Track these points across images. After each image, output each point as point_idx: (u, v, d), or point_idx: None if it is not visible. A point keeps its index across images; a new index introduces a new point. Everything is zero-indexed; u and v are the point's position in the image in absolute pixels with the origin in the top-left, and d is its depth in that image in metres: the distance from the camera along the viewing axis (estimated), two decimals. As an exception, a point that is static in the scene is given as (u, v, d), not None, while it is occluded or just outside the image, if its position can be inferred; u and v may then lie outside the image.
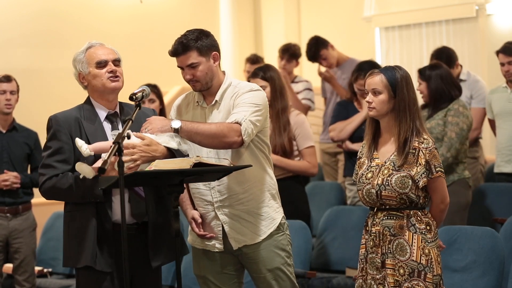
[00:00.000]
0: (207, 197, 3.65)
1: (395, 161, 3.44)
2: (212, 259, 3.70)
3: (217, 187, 3.62)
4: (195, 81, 3.61)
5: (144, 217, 3.41)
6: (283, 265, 3.69)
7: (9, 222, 5.39)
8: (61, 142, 3.39)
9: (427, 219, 3.45)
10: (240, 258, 3.70)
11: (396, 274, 3.40)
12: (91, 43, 3.52)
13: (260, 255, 3.66)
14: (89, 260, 3.34)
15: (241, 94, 3.61)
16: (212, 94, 3.67)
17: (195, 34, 3.60)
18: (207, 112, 3.67)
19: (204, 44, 3.60)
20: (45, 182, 3.39)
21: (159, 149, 3.33)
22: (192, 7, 9.28)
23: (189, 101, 3.76)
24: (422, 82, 5.15)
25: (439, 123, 5.03)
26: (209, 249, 3.69)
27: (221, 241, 3.66)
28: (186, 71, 3.61)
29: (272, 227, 3.68)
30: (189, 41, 3.57)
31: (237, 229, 3.64)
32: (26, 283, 5.46)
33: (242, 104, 3.57)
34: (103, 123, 3.47)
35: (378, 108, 3.47)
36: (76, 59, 3.49)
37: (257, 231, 3.66)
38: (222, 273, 3.72)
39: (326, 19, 9.40)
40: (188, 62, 3.59)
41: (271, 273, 3.66)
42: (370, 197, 3.48)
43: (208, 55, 3.61)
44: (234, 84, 3.69)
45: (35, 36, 7.86)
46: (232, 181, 3.61)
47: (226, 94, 3.67)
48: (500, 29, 8.27)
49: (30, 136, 5.56)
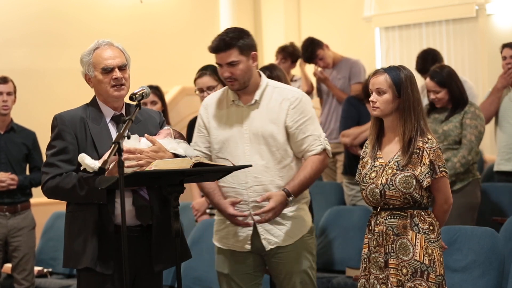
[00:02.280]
0: (243, 196, 3.68)
1: (399, 160, 3.44)
2: (238, 259, 3.74)
3: (255, 187, 3.66)
4: (233, 80, 3.65)
5: (148, 220, 3.38)
6: (309, 268, 3.75)
7: (8, 220, 5.39)
8: (66, 142, 3.37)
9: (430, 219, 3.45)
10: (266, 258, 3.73)
11: (399, 274, 3.40)
12: (99, 42, 3.47)
13: (289, 257, 3.70)
14: (89, 261, 3.32)
15: (296, 106, 3.67)
16: (248, 93, 3.70)
17: (237, 33, 3.64)
18: (244, 111, 3.70)
19: (246, 43, 3.65)
20: (48, 181, 3.37)
21: (166, 156, 3.31)
22: (192, 7, 9.28)
23: (222, 99, 3.79)
24: (440, 89, 5.08)
25: (457, 126, 5.05)
26: (236, 249, 3.72)
27: (250, 242, 3.68)
28: (224, 68, 3.64)
29: (304, 230, 3.75)
30: (231, 39, 3.61)
31: (270, 230, 3.68)
32: (24, 281, 5.46)
33: (307, 120, 3.68)
34: (109, 124, 3.45)
35: (382, 108, 3.47)
36: (83, 60, 3.46)
37: (290, 233, 3.71)
38: (246, 273, 3.75)
39: (326, 19, 9.40)
40: (228, 59, 3.62)
41: (297, 275, 3.71)
42: (373, 196, 3.48)
43: (249, 54, 3.66)
44: (272, 85, 3.74)
45: (35, 36, 7.86)
46: (270, 184, 3.66)
47: (266, 94, 3.70)
48: (500, 29, 8.27)
49: (28, 136, 5.56)
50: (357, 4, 9.11)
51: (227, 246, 3.76)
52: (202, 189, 3.83)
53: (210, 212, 5.26)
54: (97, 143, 3.37)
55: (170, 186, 3.27)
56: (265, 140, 3.68)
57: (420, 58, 6.27)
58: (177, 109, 7.65)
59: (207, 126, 3.80)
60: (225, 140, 3.73)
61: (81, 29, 8.02)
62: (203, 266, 5.03)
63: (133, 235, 3.32)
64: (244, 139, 3.70)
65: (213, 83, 5.21)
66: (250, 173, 3.66)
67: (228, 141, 3.72)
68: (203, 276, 5.02)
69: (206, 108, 3.81)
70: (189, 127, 5.41)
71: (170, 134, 3.44)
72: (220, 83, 5.24)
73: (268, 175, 3.67)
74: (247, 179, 3.68)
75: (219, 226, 3.84)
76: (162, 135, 3.44)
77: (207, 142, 3.80)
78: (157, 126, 3.55)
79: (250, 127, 3.70)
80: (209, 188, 3.76)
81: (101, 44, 3.47)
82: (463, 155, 4.98)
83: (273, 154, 3.68)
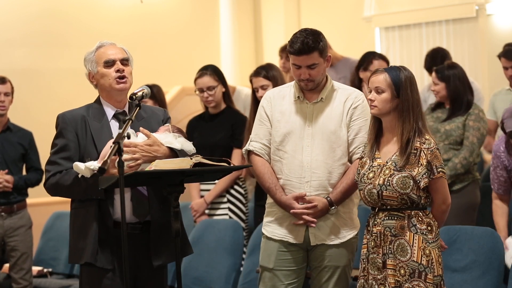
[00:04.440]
0: (299, 190, 3.72)
1: (397, 161, 3.44)
2: (287, 253, 3.78)
3: (311, 182, 3.70)
4: (309, 81, 3.71)
5: (146, 216, 3.42)
6: (347, 267, 3.80)
7: (4, 220, 5.39)
8: (67, 139, 3.43)
9: (428, 219, 3.45)
10: (311, 252, 3.79)
11: (397, 275, 3.40)
12: (102, 42, 3.56)
13: (331, 252, 3.75)
14: (89, 257, 3.36)
15: (358, 105, 3.74)
16: (314, 92, 3.77)
17: (316, 36, 3.67)
18: (309, 107, 3.75)
19: (324, 46, 3.70)
20: (49, 178, 3.44)
21: (161, 150, 3.34)
22: (192, 7, 9.28)
23: (285, 94, 3.83)
24: (440, 82, 5.11)
25: (459, 127, 5.05)
26: (288, 240, 3.76)
27: (303, 234, 3.74)
28: (303, 70, 3.68)
29: (352, 233, 3.79)
30: (314, 42, 3.63)
31: (319, 227, 3.73)
32: (22, 280, 5.46)
33: (362, 122, 3.73)
34: (111, 122, 3.50)
35: (380, 107, 3.47)
36: (86, 58, 3.53)
37: (339, 234, 3.76)
38: (291, 268, 3.79)
39: (326, 19, 9.39)
40: (310, 62, 3.66)
41: (335, 271, 3.76)
42: (371, 197, 3.48)
43: (325, 56, 3.71)
44: (337, 86, 3.81)
45: (35, 36, 7.86)
46: (327, 180, 3.71)
47: (331, 94, 3.76)
48: (500, 29, 8.27)
49: (24, 136, 5.56)
50: (357, 4, 9.10)
51: (280, 237, 3.79)
52: (263, 183, 3.83)
53: (209, 213, 5.27)
54: (97, 140, 3.42)
55: (170, 186, 3.28)
56: (327, 136, 3.72)
57: (429, 57, 6.25)
58: (177, 109, 7.65)
59: (270, 118, 3.83)
60: (287, 133, 3.76)
61: (81, 29, 8.02)
62: (203, 266, 5.03)
63: (133, 232, 3.37)
64: (306, 134, 3.74)
65: (213, 83, 5.21)
66: (308, 167, 3.71)
67: (290, 134, 3.76)
68: (203, 276, 5.02)
69: (270, 101, 3.85)
70: (189, 127, 5.42)
71: (169, 129, 3.47)
72: (220, 83, 5.24)
73: (326, 171, 3.71)
74: (304, 173, 3.72)
75: (272, 216, 3.85)
76: (160, 131, 3.48)
77: (269, 134, 3.83)
78: (160, 123, 3.59)
79: (313, 124, 3.75)
80: (271, 183, 3.78)
81: (104, 44, 3.55)
82: (465, 157, 5.00)
83: (334, 150, 3.72)
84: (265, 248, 3.87)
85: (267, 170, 3.79)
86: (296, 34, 3.70)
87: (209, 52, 9.09)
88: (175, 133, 3.46)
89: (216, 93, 5.22)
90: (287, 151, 3.75)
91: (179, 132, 3.50)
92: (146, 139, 3.35)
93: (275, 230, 3.82)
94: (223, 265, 4.97)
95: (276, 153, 3.79)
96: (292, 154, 3.73)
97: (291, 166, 3.73)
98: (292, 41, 3.68)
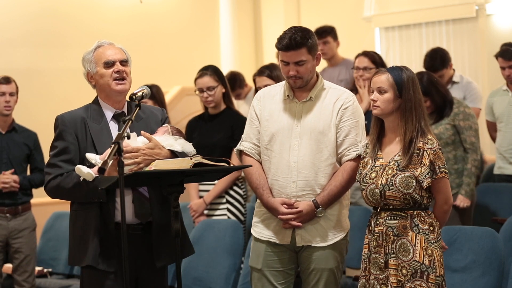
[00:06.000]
0: (285, 189, 3.71)
1: (400, 161, 3.44)
2: (274, 254, 3.77)
3: (298, 181, 3.69)
4: (297, 78, 3.69)
5: (148, 217, 3.41)
6: (336, 268, 3.77)
7: (9, 222, 5.39)
8: (67, 142, 3.41)
9: (430, 219, 3.45)
10: (299, 254, 3.77)
11: (399, 275, 3.40)
12: (101, 42, 3.54)
13: (319, 254, 3.73)
14: (91, 259, 3.34)
15: (349, 106, 3.71)
16: (304, 90, 3.75)
17: (305, 32, 3.66)
18: (298, 106, 3.74)
19: (313, 43, 3.69)
20: (50, 181, 3.41)
21: (163, 153, 3.34)
22: (192, 7, 9.28)
23: (275, 93, 3.83)
24: (425, 99, 5.06)
25: (447, 128, 5.05)
26: (274, 241, 3.76)
27: (290, 235, 3.73)
28: (291, 66, 3.67)
29: (340, 236, 3.77)
30: (302, 38, 3.63)
31: (306, 228, 3.72)
32: (25, 283, 5.46)
33: (353, 123, 3.70)
34: (110, 123, 3.48)
35: (382, 107, 3.47)
36: (85, 58, 3.51)
37: (325, 236, 3.74)
38: (279, 269, 3.78)
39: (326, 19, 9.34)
40: (297, 58, 3.65)
41: (323, 273, 3.73)
42: (373, 197, 3.48)
43: (314, 54, 3.70)
44: (327, 85, 3.79)
45: (35, 36, 7.86)
46: (314, 181, 3.69)
47: (321, 93, 3.75)
48: (500, 29, 8.27)
49: (29, 136, 5.56)
50: (357, 4, 9.11)
51: (266, 238, 3.79)
52: (250, 183, 3.83)
53: (208, 213, 5.27)
54: (96, 142, 3.40)
55: (170, 186, 3.28)
56: (315, 136, 3.71)
57: (429, 57, 6.25)
58: (177, 109, 7.65)
59: (259, 118, 3.83)
60: (275, 132, 3.76)
61: (81, 29, 8.02)
62: (203, 266, 5.03)
63: (135, 233, 3.35)
64: (294, 134, 3.73)
65: (213, 83, 5.21)
66: (295, 167, 3.70)
67: (278, 134, 3.75)
68: (203, 276, 5.02)
69: (260, 100, 3.86)
70: (188, 127, 5.42)
71: (168, 131, 3.47)
72: (220, 83, 5.24)
73: (313, 171, 3.69)
74: (291, 173, 3.71)
75: (259, 217, 3.86)
76: (160, 132, 3.47)
77: (258, 133, 3.84)
78: (159, 123, 3.58)
79: (301, 123, 3.74)
80: (258, 183, 3.78)
81: (103, 44, 3.53)
82: (474, 158, 5.07)
83: (321, 151, 3.70)
84: (254, 249, 3.87)
85: (255, 171, 3.79)
86: (285, 31, 3.70)
87: (209, 52, 9.09)
88: (174, 134, 3.45)
89: (216, 93, 5.22)
90: (274, 150, 3.74)
91: (178, 133, 3.50)
92: (146, 141, 3.35)
93: (262, 231, 3.81)
94: (223, 265, 4.97)
95: (265, 153, 3.79)
96: (280, 154, 3.72)
97: (278, 166, 3.72)
98: (281, 37, 3.68)
